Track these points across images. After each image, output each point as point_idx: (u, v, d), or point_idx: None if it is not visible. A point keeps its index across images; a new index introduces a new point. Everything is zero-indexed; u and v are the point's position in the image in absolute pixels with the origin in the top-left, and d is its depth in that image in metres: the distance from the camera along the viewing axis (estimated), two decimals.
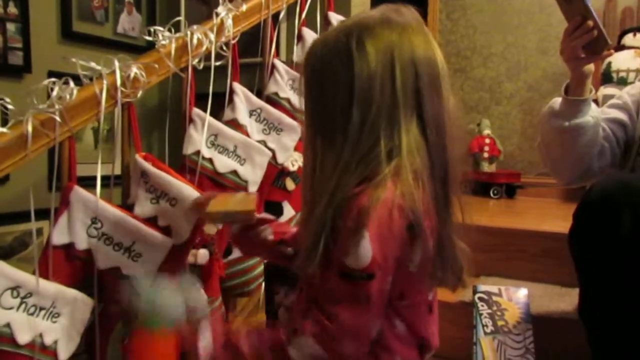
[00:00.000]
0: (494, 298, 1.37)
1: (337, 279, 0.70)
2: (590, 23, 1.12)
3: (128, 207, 1.20)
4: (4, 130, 0.95)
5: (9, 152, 0.96)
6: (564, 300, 1.43)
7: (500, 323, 1.32)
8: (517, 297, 1.37)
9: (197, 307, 0.81)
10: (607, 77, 2.29)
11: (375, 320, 0.72)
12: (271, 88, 1.58)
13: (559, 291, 1.51)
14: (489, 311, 1.34)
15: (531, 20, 2.76)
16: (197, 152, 1.31)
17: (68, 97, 1.03)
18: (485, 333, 1.31)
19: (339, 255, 0.69)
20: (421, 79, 0.72)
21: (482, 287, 1.40)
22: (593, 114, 1.21)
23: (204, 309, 0.83)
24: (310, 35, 1.70)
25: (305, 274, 0.73)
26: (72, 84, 1.05)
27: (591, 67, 1.19)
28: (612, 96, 1.63)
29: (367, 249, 0.67)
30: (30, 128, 0.97)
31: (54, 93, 1.02)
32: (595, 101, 1.25)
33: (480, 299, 1.37)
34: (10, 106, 0.97)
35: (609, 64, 2.27)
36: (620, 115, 1.27)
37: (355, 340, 0.71)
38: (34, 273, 1.00)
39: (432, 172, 0.73)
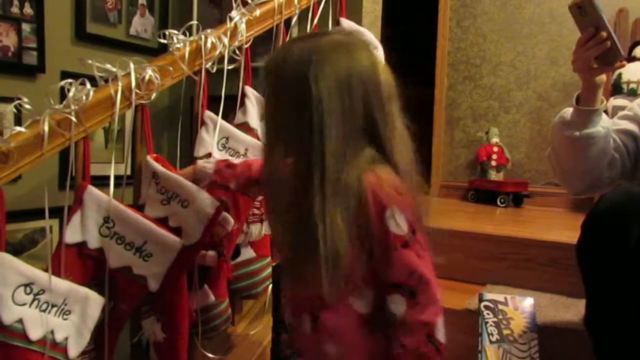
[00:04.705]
0: (500, 306, 1.37)
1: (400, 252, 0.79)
2: (604, 34, 1.12)
3: (139, 207, 1.21)
4: (22, 129, 0.97)
5: (27, 150, 0.98)
6: (570, 310, 1.43)
7: (505, 332, 1.32)
8: (523, 306, 1.37)
9: None
10: (617, 88, 2.29)
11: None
12: None
13: (565, 301, 1.51)
14: (495, 319, 1.34)
15: (542, 30, 2.76)
16: (208, 155, 1.32)
17: (84, 98, 1.05)
18: (491, 341, 1.31)
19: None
20: (370, 102, 0.81)
21: (488, 295, 1.40)
22: (604, 125, 1.22)
23: None
24: None
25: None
26: (88, 85, 1.06)
27: (603, 77, 1.19)
28: (622, 107, 1.63)
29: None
30: (47, 127, 0.99)
31: (71, 94, 1.04)
32: (605, 112, 1.26)
33: (486, 307, 1.37)
34: (28, 106, 0.99)
35: (620, 75, 2.27)
36: (631, 127, 1.27)
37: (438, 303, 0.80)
38: (46, 270, 1.01)
39: None
